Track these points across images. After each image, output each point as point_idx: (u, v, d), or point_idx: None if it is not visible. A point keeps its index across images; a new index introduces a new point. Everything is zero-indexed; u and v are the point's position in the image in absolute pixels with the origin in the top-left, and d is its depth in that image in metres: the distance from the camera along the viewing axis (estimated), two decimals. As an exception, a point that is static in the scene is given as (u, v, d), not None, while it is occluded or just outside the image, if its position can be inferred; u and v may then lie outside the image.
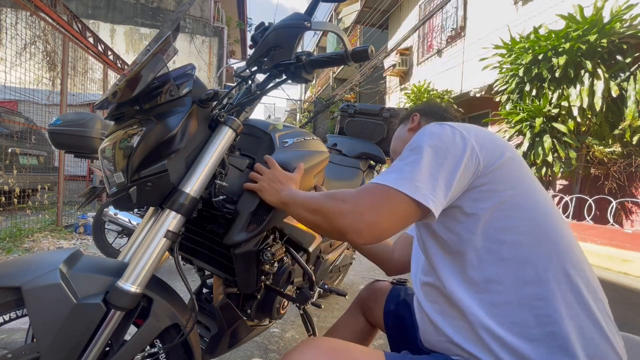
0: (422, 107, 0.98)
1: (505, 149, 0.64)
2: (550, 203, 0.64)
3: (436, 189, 0.59)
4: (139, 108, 0.76)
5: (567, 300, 0.57)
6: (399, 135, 1.00)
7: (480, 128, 0.68)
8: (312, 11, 0.84)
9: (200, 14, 11.17)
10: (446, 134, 0.63)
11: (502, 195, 0.61)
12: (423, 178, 0.59)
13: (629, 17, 3.86)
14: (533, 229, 0.60)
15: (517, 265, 0.59)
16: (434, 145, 0.62)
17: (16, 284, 0.65)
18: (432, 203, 0.58)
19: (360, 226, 0.60)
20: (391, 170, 0.63)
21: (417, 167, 0.60)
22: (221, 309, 1.01)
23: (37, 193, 4.40)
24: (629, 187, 4.39)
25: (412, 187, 0.59)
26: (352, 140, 1.94)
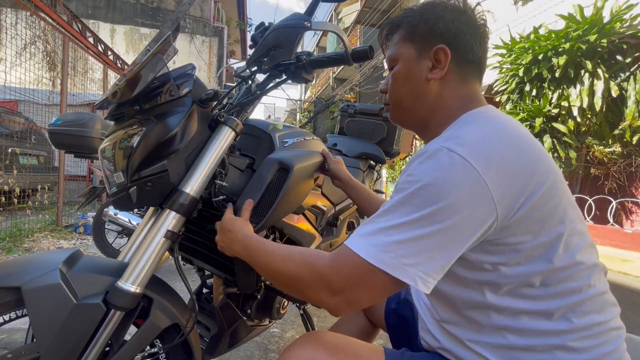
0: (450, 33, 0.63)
1: (533, 174, 0.51)
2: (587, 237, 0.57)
3: (429, 270, 0.49)
4: (139, 108, 0.76)
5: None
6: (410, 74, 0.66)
7: (508, 144, 0.53)
8: (312, 11, 0.84)
9: (200, 14, 11.16)
10: (462, 190, 0.48)
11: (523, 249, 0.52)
12: (413, 253, 0.49)
13: (629, 17, 3.86)
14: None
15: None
16: (442, 204, 0.48)
17: (16, 284, 0.65)
18: (421, 285, 0.49)
19: (336, 305, 0.54)
20: (376, 228, 0.52)
21: (409, 235, 0.49)
22: (221, 309, 1.01)
23: (37, 193, 4.40)
24: (629, 187, 4.39)
25: (397, 266, 0.49)
26: (352, 140, 1.93)
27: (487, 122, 0.58)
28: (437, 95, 0.65)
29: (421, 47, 0.65)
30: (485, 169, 0.49)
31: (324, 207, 1.23)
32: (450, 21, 0.63)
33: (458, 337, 0.61)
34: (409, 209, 0.50)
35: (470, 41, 0.63)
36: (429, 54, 0.64)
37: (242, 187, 0.92)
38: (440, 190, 0.48)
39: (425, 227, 0.49)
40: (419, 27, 0.65)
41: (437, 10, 0.65)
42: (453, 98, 0.64)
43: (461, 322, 0.60)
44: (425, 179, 0.50)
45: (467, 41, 0.63)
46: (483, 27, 0.66)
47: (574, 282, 0.54)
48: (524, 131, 0.58)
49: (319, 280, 0.54)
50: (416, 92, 0.66)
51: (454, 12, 0.65)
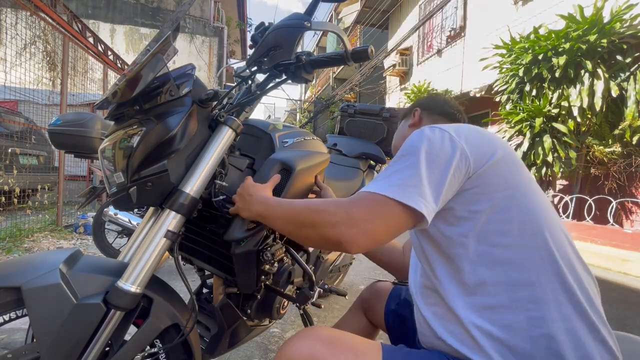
0: (423, 102, 0.96)
1: (497, 147, 0.64)
2: (544, 203, 0.64)
3: (427, 194, 0.59)
4: (139, 108, 0.76)
5: (559, 301, 0.57)
6: (400, 132, 0.99)
7: (473, 128, 0.68)
8: (312, 11, 0.84)
9: (200, 14, 11.16)
10: (435, 138, 0.63)
11: (494, 198, 0.61)
12: (414, 184, 0.59)
13: (629, 17, 3.86)
14: (525, 231, 0.60)
15: (510, 268, 0.59)
16: (423, 150, 0.62)
17: (16, 284, 0.65)
18: (424, 208, 0.58)
19: (355, 236, 0.59)
20: (382, 178, 0.63)
21: (407, 173, 0.60)
22: (221, 309, 1.01)
23: (37, 193, 4.40)
24: (629, 187, 4.39)
25: (403, 193, 0.58)
26: (352, 140, 1.94)
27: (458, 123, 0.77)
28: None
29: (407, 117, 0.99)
30: (458, 135, 0.64)
31: (324, 207, 1.23)
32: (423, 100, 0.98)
33: (453, 314, 0.63)
34: (404, 160, 0.63)
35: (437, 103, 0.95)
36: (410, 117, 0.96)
37: None
38: (427, 144, 0.63)
39: (417, 166, 0.61)
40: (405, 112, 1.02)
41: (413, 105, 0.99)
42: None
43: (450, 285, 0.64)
44: (414, 142, 0.64)
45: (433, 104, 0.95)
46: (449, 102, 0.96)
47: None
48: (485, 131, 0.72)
49: (340, 213, 0.61)
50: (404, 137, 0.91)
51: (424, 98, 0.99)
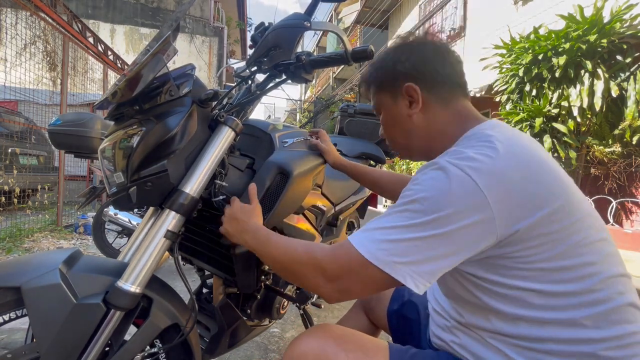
0: (418, 72, 0.68)
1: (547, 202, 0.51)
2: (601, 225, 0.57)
3: (420, 267, 0.51)
4: (139, 108, 0.76)
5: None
6: (394, 116, 0.73)
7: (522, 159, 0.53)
8: (312, 11, 0.84)
9: (200, 14, 11.16)
10: (458, 194, 0.50)
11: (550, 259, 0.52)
12: (407, 252, 0.51)
13: (629, 17, 3.86)
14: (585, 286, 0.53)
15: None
16: (435, 210, 0.51)
17: (16, 284, 0.65)
18: (411, 282, 0.51)
19: (330, 292, 0.58)
20: (374, 228, 0.56)
21: (403, 237, 0.52)
22: (221, 309, 1.01)
23: (37, 193, 4.40)
24: (629, 187, 4.39)
25: (389, 263, 0.52)
26: (352, 140, 1.93)
27: (488, 137, 0.57)
28: (424, 125, 0.69)
29: (392, 92, 0.71)
30: (489, 186, 0.50)
31: (324, 207, 1.23)
32: (406, 60, 0.69)
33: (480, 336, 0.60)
34: (409, 214, 0.53)
35: (433, 66, 0.67)
36: (401, 95, 0.69)
37: (242, 187, 0.92)
38: (440, 201, 0.51)
39: (420, 231, 0.51)
40: (383, 77, 0.73)
41: (390, 56, 0.72)
42: (442, 122, 0.68)
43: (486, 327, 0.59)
44: (429, 189, 0.52)
45: (428, 68, 0.67)
46: (440, 47, 0.70)
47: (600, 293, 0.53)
48: (534, 148, 0.57)
49: (317, 267, 0.58)
50: (405, 129, 0.71)
51: (405, 50, 0.70)
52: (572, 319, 0.52)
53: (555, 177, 0.55)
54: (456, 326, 0.66)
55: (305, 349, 0.61)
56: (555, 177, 0.55)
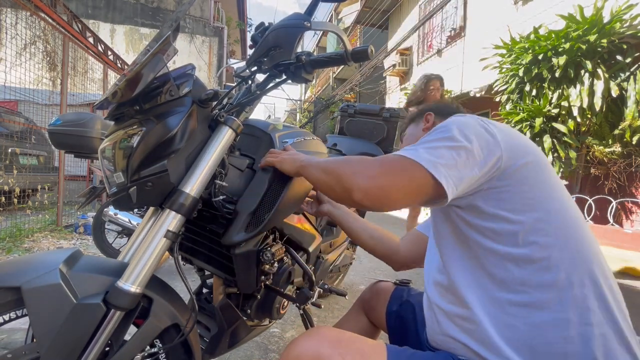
0: (435, 107, 0.97)
1: (528, 151, 0.63)
2: (575, 208, 0.63)
3: (455, 171, 0.58)
4: (139, 108, 0.76)
5: (588, 307, 0.56)
6: (413, 134, 0.98)
7: (506, 126, 0.67)
8: (312, 11, 0.84)
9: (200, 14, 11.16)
10: (474, 125, 0.63)
11: (526, 197, 0.60)
12: (445, 157, 0.59)
13: (629, 17, 3.86)
14: (559, 233, 0.59)
15: (541, 268, 0.58)
16: (462, 131, 0.61)
17: (16, 284, 0.65)
18: (448, 183, 0.57)
19: (369, 187, 0.60)
20: (414, 146, 0.63)
21: (441, 146, 0.60)
22: (221, 309, 1.01)
23: (37, 193, 4.40)
24: (629, 187, 4.39)
25: (431, 162, 0.58)
26: (352, 140, 1.93)
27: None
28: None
29: (417, 120, 1.00)
30: (495, 127, 0.63)
31: (324, 207, 1.23)
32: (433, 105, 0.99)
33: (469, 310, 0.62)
34: (437, 135, 0.63)
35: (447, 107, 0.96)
36: (422, 120, 0.97)
37: (242, 187, 0.92)
38: (461, 127, 0.62)
39: (450, 143, 0.60)
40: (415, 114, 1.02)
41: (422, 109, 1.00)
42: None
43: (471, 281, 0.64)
44: (450, 124, 0.63)
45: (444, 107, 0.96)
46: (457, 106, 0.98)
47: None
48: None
49: (365, 171, 0.62)
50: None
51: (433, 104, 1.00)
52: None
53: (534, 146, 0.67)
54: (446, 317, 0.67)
55: (301, 351, 0.61)
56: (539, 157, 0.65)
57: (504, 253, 0.60)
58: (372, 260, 3.22)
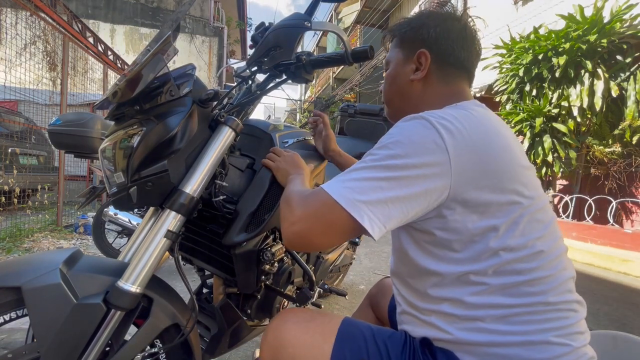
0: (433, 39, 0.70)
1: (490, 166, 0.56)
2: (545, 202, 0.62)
3: (382, 208, 0.52)
4: (139, 108, 0.76)
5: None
6: (397, 75, 0.75)
7: (480, 121, 0.59)
8: (312, 11, 0.84)
9: (200, 14, 11.16)
10: (418, 137, 0.54)
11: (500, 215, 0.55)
12: (370, 191, 0.53)
13: (629, 17, 3.86)
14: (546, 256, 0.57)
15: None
16: (398, 151, 0.54)
17: (16, 284, 0.65)
18: (368, 223, 0.52)
19: (290, 234, 0.58)
20: (347, 172, 0.58)
21: (368, 176, 0.54)
22: (221, 309, 1.01)
23: (37, 193, 4.40)
24: (629, 187, 4.39)
25: (351, 201, 0.53)
26: (352, 140, 1.93)
27: (465, 108, 0.62)
28: (420, 94, 0.72)
29: (407, 52, 0.73)
30: (451, 139, 0.54)
31: (324, 207, 1.23)
32: (433, 27, 0.70)
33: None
34: (375, 157, 0.56)
35: (452, 46, 0.69)
36: (413, 58, 0.72)
37: (242, 187, 0.92)
38: (405, 146, 0.54)
39: (383, 172, 0.54)
40: (407, 34, 0.74)
41: (422, 18, 0.73)
42: (435, 96, 0.70)
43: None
44: (396, 136, 0.56)
45: (448, 46, 0.69)
46: (469, 33, 0.71)
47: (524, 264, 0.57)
48: (497, 122, 0.63)
49: (291, 210, 0.60)
50: (402, 91, 0.74)
51: (438, 19, 0.72)
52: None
53: (512, 151, 0.59)
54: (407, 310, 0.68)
55: (270, 338, 0.66)
56: (513, 152, 0.59)
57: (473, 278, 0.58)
58: (372, 260, 3.22)
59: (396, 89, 0.75)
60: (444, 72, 0.70)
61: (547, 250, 0.58)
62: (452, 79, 0.71)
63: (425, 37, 0.70)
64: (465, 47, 0.70)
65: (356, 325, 0.67)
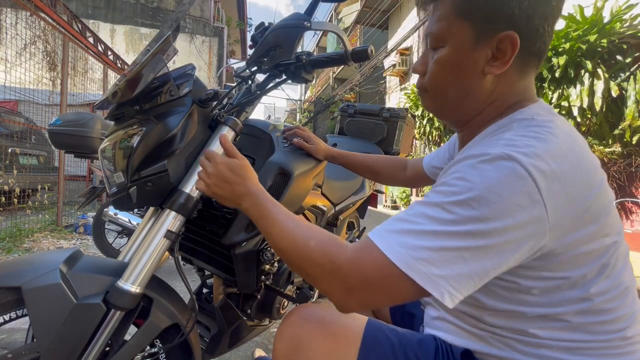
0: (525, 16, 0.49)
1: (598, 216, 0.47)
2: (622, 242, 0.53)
3: (461, 282, 0.43)
4: (139, 108, 0.76)
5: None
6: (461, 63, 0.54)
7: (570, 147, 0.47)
8: (312, 11, 0.84)
9: (200, 14, 11.16)
10: (510, 192, 0.42)
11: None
12: (449, 263, 0.43)
13: (629, 17, 3.86)
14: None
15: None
16: (485, 212, 0.42)
17: (16, 284, 0.65)
18: (448, 298, 0.43)
19: (349, 305, 0.49)
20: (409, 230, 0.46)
21: (446, 245, 0.43)
22: (221, 309, 1.01)
23: (37, 193, 4.40)
24: (629, 187, 4.39)
25: (428, 275, 0.43)
26: (352, 140, 1.93)
27: (550, 129, 0.48)
28: (490, 92, 0.55)
29: (481, 30, 0.51)
30: (548, 188, 0.42)
31: (324, 207, 1.23)
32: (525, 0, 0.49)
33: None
34: (451, 216, 0.44)
35: (543, 26, 0.50)
36: (490, 41, 0.51)
37: None
38: (492, 205, 0.42)
39: (466, 240, 0.43)
40: (480, 4, 0.50)
41: None
42: (508, 94, 0.55)
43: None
44: (479, 188, 0.43)
45: (539, 26, 0.50)
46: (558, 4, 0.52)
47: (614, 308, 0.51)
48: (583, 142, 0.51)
49: (335, 273, 0.48)
50: (466, 86, 0.55)
51: None
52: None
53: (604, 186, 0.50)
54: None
55: (286, 337, 0.60)
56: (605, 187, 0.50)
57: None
58: (372, 260, 3.21)
59: (459, 82, 0.55)
60: (525, 62, 0.53)
61: (630, 285, 0.52)
62: (528, 70, 0.54)
63: (514, 12, 0.49)
64: (553, 25, 0.52)
65: (381, 329, 0.61)
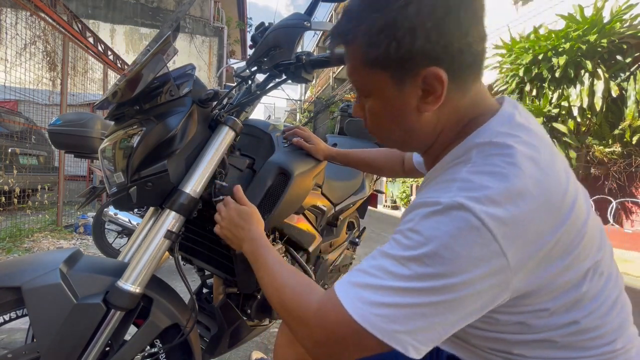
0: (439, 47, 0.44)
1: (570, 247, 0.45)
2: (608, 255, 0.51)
3: (424, 335, 0.43)
4: (139, 108, 0.76)
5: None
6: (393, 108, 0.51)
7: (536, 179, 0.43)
8: (312, 11, 0.84)
9: (200, 14, 11.16)
10: (464, 247, 0.40)
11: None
12: (409, 320, 0.42)
13: (629, 17, 3.87)
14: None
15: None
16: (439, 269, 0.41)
17: (16, 284, 0.65)
18: (413, 351, 0.42)
19: (320, 356, 0.49)
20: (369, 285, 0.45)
21: (403, 302, 0.42)
22: (221, 309, 1.01)
23: (37, 193, 4.40)
24: (629, 187, 4.39)
25: (389, 332, 0.42)
26: (352, 140, 1.93)
27: (511, 157, 0.44)
28: (435, 123, 0.52)
29: (400, 75, 0.47)
30: (506, 235, 0.40)
31: (324, 207, 1.23)
32: (433, 29, 0.43)
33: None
34: (408, 272, 0.42)
35: (466, 41, 0.45)
36: (414, 81, 0.47)
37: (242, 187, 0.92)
38: (447, 262, 0.40)
39: (424, 296, 0.42)
40: (388, 47, 0.45)
41: (409, 12, 0.43)
42: (456, 116, 0.52)
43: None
44: (432, 244, 0.41)
45: (461, 46, 0.45)
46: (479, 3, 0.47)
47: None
48: (548, 156, 0.47)
49: (303, 325, 0.50)
50: (407, 127, 0.52)
51: (426, 7, 0.43)
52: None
53: (576, 208, 0.46)
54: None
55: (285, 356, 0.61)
56: (577, 208, 0.46)
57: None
58: (372, 260, 3.21)
59: (393, 125, 0.53)
60: (460, 80, 0.48)
61: (617, 295, 0.51)
62: (470, 84, 0.50)
63: (425, 47, 0.44)
64: (480, 29, 0.47)
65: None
